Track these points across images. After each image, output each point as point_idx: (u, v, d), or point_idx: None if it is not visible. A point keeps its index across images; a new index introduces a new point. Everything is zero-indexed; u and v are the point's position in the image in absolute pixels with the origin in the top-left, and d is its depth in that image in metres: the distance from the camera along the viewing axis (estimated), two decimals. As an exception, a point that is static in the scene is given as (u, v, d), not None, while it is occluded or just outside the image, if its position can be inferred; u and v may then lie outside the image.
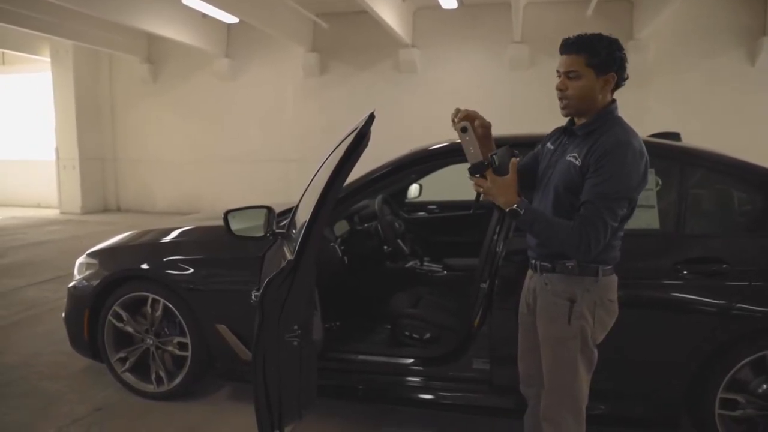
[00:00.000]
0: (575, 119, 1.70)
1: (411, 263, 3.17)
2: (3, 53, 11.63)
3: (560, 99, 1.65)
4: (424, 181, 3.98)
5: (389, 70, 9.11)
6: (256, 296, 1.58)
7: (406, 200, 3.93)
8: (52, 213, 10.53)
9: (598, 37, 1.61)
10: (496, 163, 1.56)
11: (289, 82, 9.61)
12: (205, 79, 10.06)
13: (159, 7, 7.96)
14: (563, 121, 1.76)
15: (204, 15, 8.38)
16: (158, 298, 2.64)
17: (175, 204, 10.44)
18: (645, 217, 2.09)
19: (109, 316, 2.72)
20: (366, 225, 2.90)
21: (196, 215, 4.99)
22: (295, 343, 1.56)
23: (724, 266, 2.00)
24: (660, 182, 2.32)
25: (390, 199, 3.18)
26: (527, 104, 8.06)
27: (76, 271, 2.92)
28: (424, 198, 4.03)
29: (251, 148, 9.87)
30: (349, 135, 1.70)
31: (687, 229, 2.10)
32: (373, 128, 1.68)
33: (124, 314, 2.72)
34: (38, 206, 11.20)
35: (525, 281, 1.83)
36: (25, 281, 5.28)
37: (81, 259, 2.92)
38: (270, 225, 2.19)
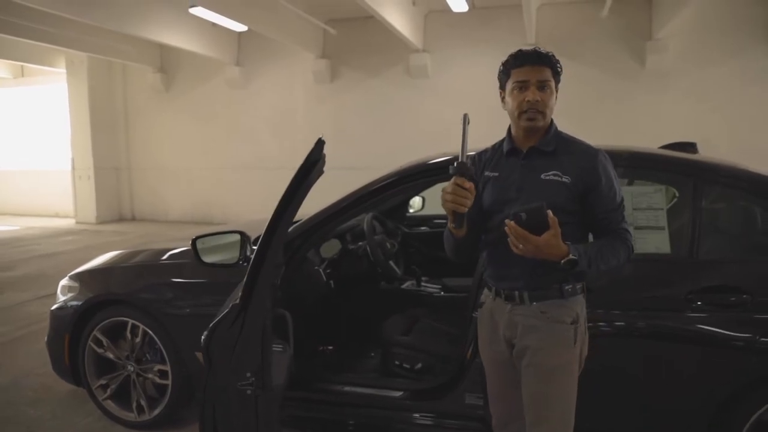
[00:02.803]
0: (520, 138, 1.60)
1: (407, 284, 3.00)
2: (22, 66, 11.83)
3: (526, 111, 1.53)
4: (428, 193, 3.81)
5: (400, 75, 8.97)
6: None
7: (408, 214, 3.76)
8: (68, 223, 10.62)
9: (549, 52, 1.59)
10: (523, 219, 1.39)
11: (299, 88, 9.55)
12: (216, 87, 10.06)
13: (170, 17, 7.99)
14: (570, 125, 1.70)
15: (214, 24, 8.37)
16: (138, 323, 2.52)
17: (187, 212, 10.45)
18: (654, 240, 1.88)
19: (90, 342, 2.61)
20: (358, 244, 2.74)
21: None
22: (249, 392, 1.41)
23: (745, 296, 1.78)
24: (677, 196, 2.12)
25: (381, 216, 3.01)
26: (541, 108, 7.83)
27: (59, 293, 2.82)
28: (427, 211, 3.85)
29: (262, 155, 9.82)
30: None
31: (702, 254, 1.87)
32: (386, 134, 1.55)
33: (104, 340, 2.61)
34: (56, 216, 11.32)
35: (488, 316, 1.65)
36: (31, 295, 5.26)
37: (63, 281, 2.82)
38: (243, 251, 2.04)
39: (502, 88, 1.62)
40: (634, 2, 7.69)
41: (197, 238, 2.11)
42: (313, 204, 2.30)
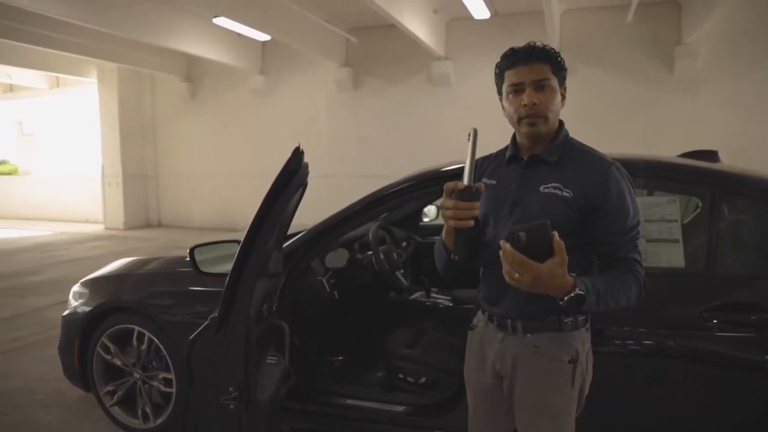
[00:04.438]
0: (525, 146, 1.42)
1: (416, 295, 2.93)
2: (57, 77, 12.26)
3: (525, 117, 1.35)
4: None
5: (422, 83, 8.93)
6: None
7: (422, 223, 3.69)
8: (98, 228, 10.88)
9: (546, 46, 1.39)
10: (522, 240, 1.12)
11: (322, 97, 9.60)
12: (241, 95, 10.20)
13: (196, 28, 8.17)
14: (596, 133, 1.54)
15: (239, 34, 8.51)
16: (144, 331, 2.52)
17: (211, 219, 10.59)
18: (667, 254, 1.79)
19: (98, 348, 2.63)
20: (365, 254, 2.69)
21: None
22: (232, 407, 1.37)
23: (765, 314, 1.67)
24: (700, 206, 2.01)
25: (389, 225, 2.95)
26: (564, 115, 7.66)
27: (70, 299, 2.86)
28: (441, 220, 3.78)
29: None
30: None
31: (719, 268, 1.77)
32: (408, 143, 1.48)
33: (112, 346, 2.62)
34: (86, 222, 11.62)
35: (478, 342, 1.49)
36: (52, 299, 5.37)
37: (75, 287, 2.86)
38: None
39: (500, 93, 1.45)
40: (662, 6, 7.48)
41: (195, 247, 2.10)
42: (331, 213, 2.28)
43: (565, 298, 1.18)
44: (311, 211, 3.01)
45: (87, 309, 2.66)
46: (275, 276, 1.97)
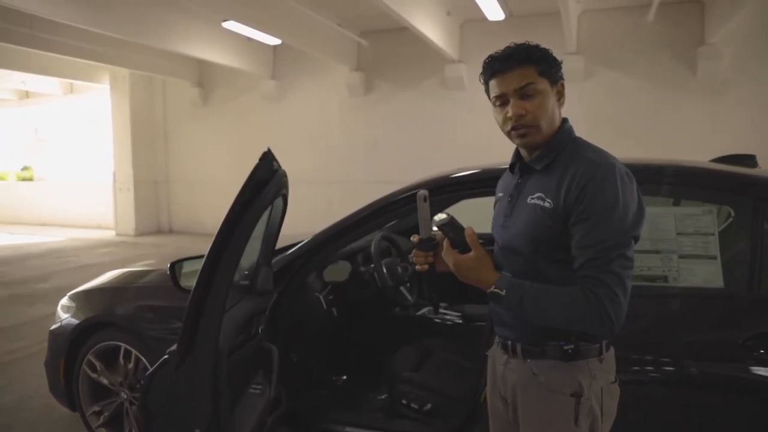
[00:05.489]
0: (524, 152, 1.31)
1: (424, 310, 2.73)
2: (71, 83, 12.33)
3: (514, 129, 1.23)
4: (454, 210, 3.54)
5: (436, 87, 8.75)
6: None
7: (432, 232, 3.49)
8: (109, 234, 10.86)
9: (528, 45, 1.24)
10: (447, 232, 1.25)
11: (334, 101, 9.48)
12: (252, 100, 10.12)
13: (207, 33, 8.12)
14: (616, 138, 1.36)
15: (249, 39, 8.44)
16: (131, 348, 2.37)
17: (222, 226, 10.50)
18: (703, 272, 1.57)
19: (84, 366, 2.48)
20: (369, 267, 2.50)
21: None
22: (198, 452, 1.20)
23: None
24: (732, 216, 1.79)
25: (394, 236, 2.76)
26: (583, 118, 7.41)
27: (58, 312, 2.72)
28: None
29: (296, 169, 9.58)
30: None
31: (764, 290, 1.55)
32: (421, 148, 1.35)
33: (98, 364, 2.47)
34: (98, 227, 11.62)
35: (489, 361, 1.40)
36: (55, 309, 5.27)
37: (63, 300, 2.72)
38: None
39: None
40: (684, 6, 7.21)
41: (176, 262, 1.93)
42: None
43: (487, 293, 1.19)
44: (322, 217, 2.88)
45: (73, 324, 2.51)
46: (264, 294, 1.80)
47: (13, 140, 14.65)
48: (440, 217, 1.28)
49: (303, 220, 4.06)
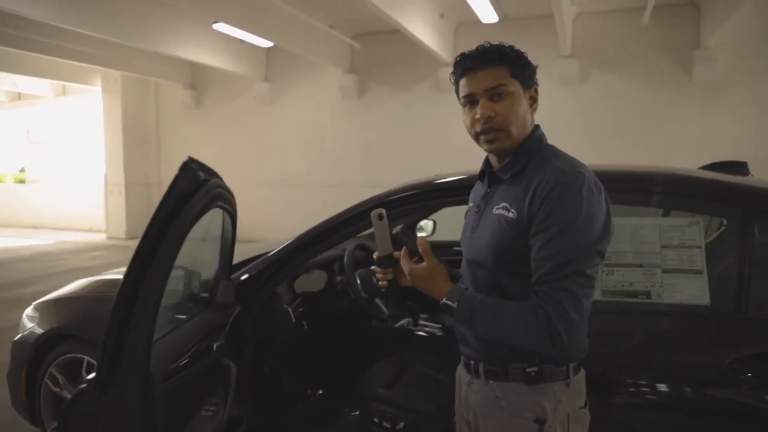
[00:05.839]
0: (494, 159, 1.25)
1: (402, 322, 2.62)
2: (63, 85, 12.23)
3: (483, 133, 1.16)
4: (440, 216, 3.43)
5: (429, 90, 8.66)
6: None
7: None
8: (100, 238, 10.74)
9: (501, 45, 1.18)
10: (410, 244, 1.27)
11: (327, 104, 9.40)
12: (245, 103, 10.03)
13: (199, 35, 8.05)
14: (611, 142, 1.28)
15: (242, 41, 8.36)
16: (93, 361, 2.25)
17: (215, 229, 10.39)
18: (688, 288, 1.47)
19: (46, 379, 2.37)
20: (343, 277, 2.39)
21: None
22: (126, 491, 1.09)
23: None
24: (723, 226, 1.69)
25: (370, 244, 2.65)
26: (579, 121, 7.38)
27: (23, 322, 2.60)
28: (438, 237, 3.47)
29: (289, 172, 9.70)
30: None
31: (752, 308, 1.44)
32: (415, 151, 1.28)
33: (60, 378, 2.36)
34: (90, 230, 11.51)
35: (458, 382, 1.31)
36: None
37: (28, 310, 2.60)
38: (189, 289, 1.71)
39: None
40: (679, 9, 7.14)
41: None
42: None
43: (441, 303, 1.16)
44: (317, 221, 2.78)
45: (36, 334, 2.40)
46: (225, 308, 1.69)
47: (5, 142, 14.53)
48: (396, 229, 1.29)
49: (298, 223, 3.94)
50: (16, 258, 8.55)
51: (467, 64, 1.17)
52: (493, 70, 1.14)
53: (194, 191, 1.14)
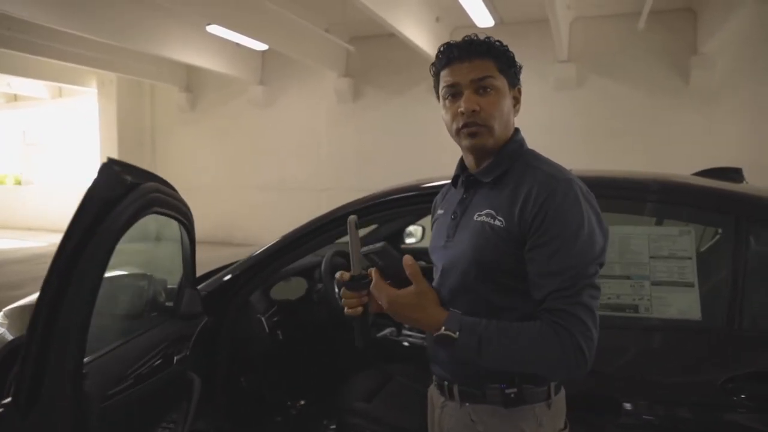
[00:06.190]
0: (471, 162, 1.15)
1: (385, 331, 2.53)
2: (60, 87, 12.17)
3: (464, 127, 1.08)
4: (427, 222, 3.35)
5: (425, 94, 8.56)
6: None
7: (403, 246, 3.30)
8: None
9: (489, 38, 1.11)
10: (377, 262, 1.08)
11: (322, 108, 9.34)
12: (240, 106, 9.97)
13: (194, 38, 8.00)
14: (607, 147, 1.19)
15: (238, 44, 8.31)
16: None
17: (209, 233, 10.27)
18: (678, 302, 1.38)
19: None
20: (319, 286, 2.29)
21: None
22: None
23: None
24: (720, 233, 1.61)
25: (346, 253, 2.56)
26: (574, 127, 7.32)
27: (-6, 330, 2.51)
28: (427, 243, 3.38)
29: (284, 176, 9.64)
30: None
31: (748, 324, 1.34)
32: (410, 155, 1.17)
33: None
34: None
35: (430, 403, 1.21)
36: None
37: (-2, 317, 2.50)
38: (151, 299, 1.62)
39: (439, 100, 1.16)
40: (676, 14, 7.09)
41: None
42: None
43: (434, 335, 1.00)
44: None
45: (2, 343, 2.30)
46: (192, 318, 1.60)
47: (1, 144, 14.46)
48: (374, 246, 1.10)
49: (293, 227, 3.85)
50: (8, 260, 8.47)
51: (453, 53, 1.08)
52: (481, 62, 1.07)
53: (121, 196, 1.05)
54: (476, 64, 1.06)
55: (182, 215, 1.45)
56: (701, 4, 6.84)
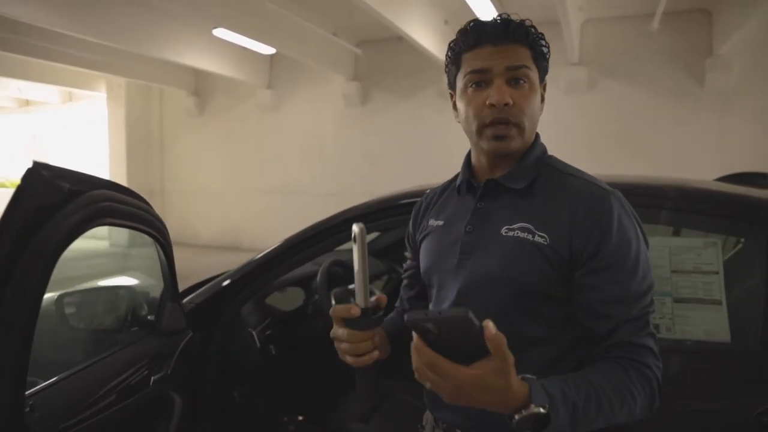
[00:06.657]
0: (483, 167, 1.00)
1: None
2: (70, 92, 12.25)
3: (490, 125, 0.91)
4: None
5: (433, 98, 8.48)
6: None
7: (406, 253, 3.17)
8: (102, 245, 10.61)
9: (524, 21, 0.94)
10: (433, 332, 0.70)
11: (330, 112, 9.28)
12: (248, 110, 9.94)
13: (201, 42, 7.98)
14: (619, 152, 1.06)
15: (245, 48, 8.27)
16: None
17: (217, 237, 10.26)
18: (704, 321, 1.25)
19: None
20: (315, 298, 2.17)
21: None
22: None
23: None
24: (742, 242, 1.47)
25: (348, 262, 2.45)
26: (584, 130, 7.15)
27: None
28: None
29: (291, 180, 9.59)
30: None
31: (782, 346, 1.22)
32: (418, 159, 1.02)
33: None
34: (93, 237, 11.34)
35: None
36: None
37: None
38: (127, 313, 1.52)
39: (452, 88, 1.02)
40: (691, 15, 6.91)
41: (65, 295, 1.62)
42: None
43: (516, 417, 0.72)
44: None
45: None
46: (173, 333, 1.50)
47: (11, 147, 14.57)
48: (454, 310, 0.73)
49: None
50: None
51: (486, 34, 0.91)
52: (517, 48, 0.91)
53: (55, 206, 0.94)
54: (513, 49, 0.91)
55: (150, 227, 1.33)
56: (717, 4, 6.67)
